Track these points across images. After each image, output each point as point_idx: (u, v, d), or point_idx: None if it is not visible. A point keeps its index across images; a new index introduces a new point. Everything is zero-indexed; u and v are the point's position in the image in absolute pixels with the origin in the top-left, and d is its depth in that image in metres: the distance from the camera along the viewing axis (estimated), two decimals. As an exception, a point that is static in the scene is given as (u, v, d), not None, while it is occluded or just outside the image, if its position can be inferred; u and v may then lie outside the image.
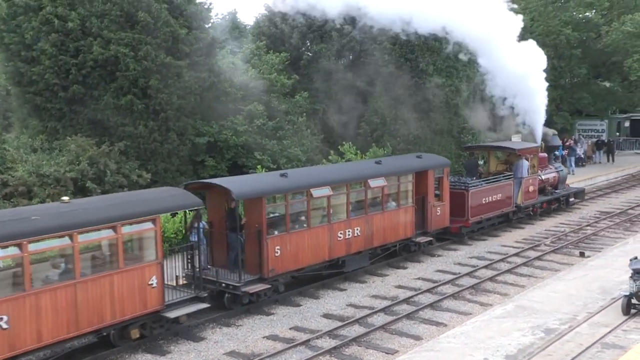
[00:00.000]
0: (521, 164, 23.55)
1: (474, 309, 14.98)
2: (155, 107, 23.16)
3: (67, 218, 11.66)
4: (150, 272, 12.70)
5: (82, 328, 11.71)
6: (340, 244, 16.85)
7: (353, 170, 18.55)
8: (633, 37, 36.08)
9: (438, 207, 20.19)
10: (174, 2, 23.81)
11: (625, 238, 20.86)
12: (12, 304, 10.66)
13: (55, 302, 11.24)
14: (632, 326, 12.58)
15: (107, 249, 12.61)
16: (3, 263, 11.51)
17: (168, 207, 13.73)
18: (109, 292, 12.07)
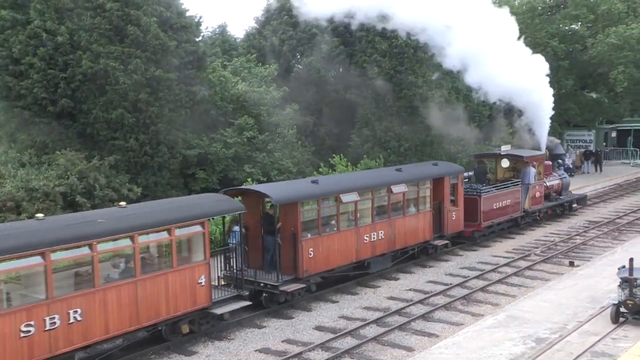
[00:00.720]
0: (528, 171, 24.50)
1: (465, 319, 14.99)
2: (145, 121, 23.15)
3: (128, 221, 12.65)
4: (199, 271, 13.64)
5: (142, 322, 12.72)
6: (366, 247, 17.79)
7: (377, 177, 19.55)
8: (617, 49, 36.60)
9: (453, 212, 21.19)
10: (163, 15, 23.90)
11: (614, 247, 21.00)
12: (84, 298, 11.72)
13: (119, 298, 12.26)
14: (621, 334, 12.65)
15: (162, 250, 13.67)
16: (76, 262, 12.43)
17: (215, 212, 14.54)
18: (164, 290, 13.02)
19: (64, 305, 11.38)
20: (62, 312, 11.33)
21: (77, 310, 11.56)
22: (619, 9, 38.70)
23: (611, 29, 37.58)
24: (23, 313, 10.81)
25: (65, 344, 11.38)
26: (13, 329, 10.63)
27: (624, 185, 36.00)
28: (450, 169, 21.65)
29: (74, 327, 11.50)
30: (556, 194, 26.87)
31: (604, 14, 39.40)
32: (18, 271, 11.24)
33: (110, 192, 21.20)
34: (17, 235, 11.12)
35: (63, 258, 11.72)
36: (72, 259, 12.14)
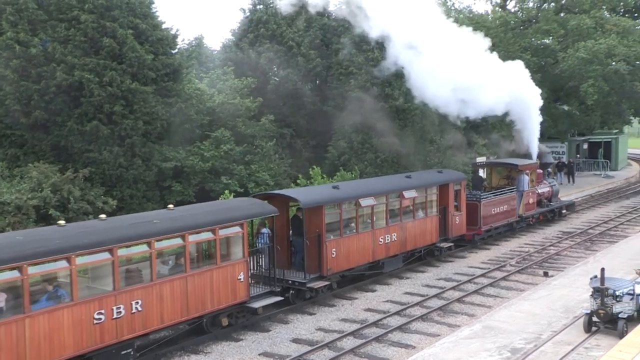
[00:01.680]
0: (522, 178, 26.13)
1: (442, 330, 15.09)
2: (120, 133, 22.95)
3: (179, 222, 13.92)
4: (239, 268, 14.94)
5: (191, 314, 13.96)
6: (381, 248, 19.23)
7: (390, 183, 20.80)
8: (587, 63, 37.45)
9: (457, 216, 22.64)
10: (139, 28, 23.80)
11: (586, 257, 21.35)
12: (144, 291, 12.97)
13: (172, 291, 13.52)
14: (593, 343, 12.85)
15: (208, 248, 14.80)
16: (137, 258, 13.56)
17: (252, 214, 15.74)
18: (209, 285, 14.28)
19: (128, 296, 12.68)
20: (127, 303, 12.64)
21: (138, 301, 12.83)
22: (587, 24, 39.67)
23: (580, 44, 38.48)
24: (96, 302, 12.18)
25: (129, 332, 12.66)
26: (88, 316, 12.01)
27: (595, 196, 36.70)
28: (454, 176, 23.08)
29: (136, 316, 12.81)
30: (547, 200, 28.43)
31: (574, 29, 40.33)
32: (86, 265, 12.34)
33: (84, 204, 20.92)
34: (88, 233, 12.47)
35: (127, 254, 12.98)
36: (133, 255, 13.30)
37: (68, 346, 11.66)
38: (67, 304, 11.72)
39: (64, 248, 11.65)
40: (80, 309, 11.85)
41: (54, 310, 11.48)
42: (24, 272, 11.02)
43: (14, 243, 11.44)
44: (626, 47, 38.28)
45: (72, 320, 11.72)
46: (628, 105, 44.15)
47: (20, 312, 11.06)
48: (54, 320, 11.46)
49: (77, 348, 11.80)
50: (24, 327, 11.01)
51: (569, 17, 42.40)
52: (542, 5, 45.39)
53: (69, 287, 11.80)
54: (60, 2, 22.65)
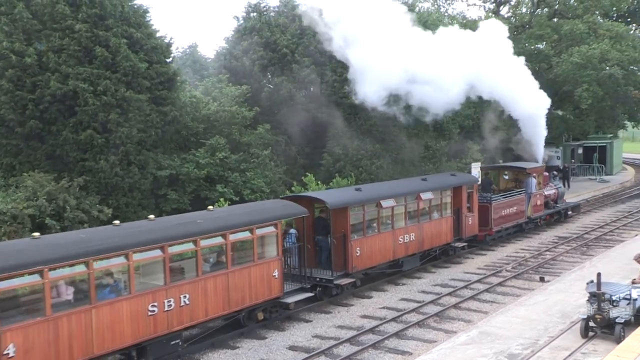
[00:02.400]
0: (530, 181, 26.96)
1: (438, 336, 15.06)
2: (115, 141, 22.94)
3: (221, 222, 14.82)
4: (274, 265, 15.77)
5: (232, 308, 14.85)
6: (401, 247, 20.11)
7: (408, 185, 21.87)
8: (581, 68, 37.64)
9: (470, 217, 23.51)
10: (133, 36, 23.82)
11: (582, 262, 21.35)
12: (191, 285, 13.87)
13: (216, 286, 14.39)
14: (590, 348, 12.83)
15: (246, 246, 15.58)
16: (184, 255, 14.55)
17: (285, 214, 16.60)
18: (247, 281, 15.15)
19: (177, 290, 13.57)
20: (176, 296, 13.52)
21: (186, 295, 13.72)
22: (580, 29, 39.89)
23: (574, 49, 38.68)
24: (150, 295, 13.06)
25: (178, 323, 13.58)
26: (143, 308, 12.90)
27: (591, 200, 36.76)
28: (467, 179, 24.03)
29: (184, 309, 13.69)
30: (553, 202, 29.18)
31: (567, 34, 40.55)
32: (141, 261, 13.11)
33: (80, 213, 20.87)
34: (142, 232, 13.46)
35: (176, 251, 13.81)
36: (182, 252, 14.26)
37: (127, 335, 12.60)
38: (125, 296, 12.67)
39: (123, 245, 12.64)
40: (137, 301, 12.80)
41: (115, 302, 12.47)
42: (90, 266, 12.06)
43: (80, 240, 12.52)
44: (619, 52, 38.50)
45: (130, 311, 12.69)
46: (622, 109, 44.38)
47: (88, 303, 12.05)
48: (115, 311, 12.46)
49: (134, 337, 12.74)
50: (91, 316, 12.05)
51: (562, 22, 42.63)
52: (535, 10, 45.67)
53: (127, 281, 12.75)
54: (54, 11, 22.68)
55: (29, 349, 11.10)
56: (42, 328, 11.31)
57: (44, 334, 11.32)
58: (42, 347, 11.28)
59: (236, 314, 15.08)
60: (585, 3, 42.04)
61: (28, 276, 11.28)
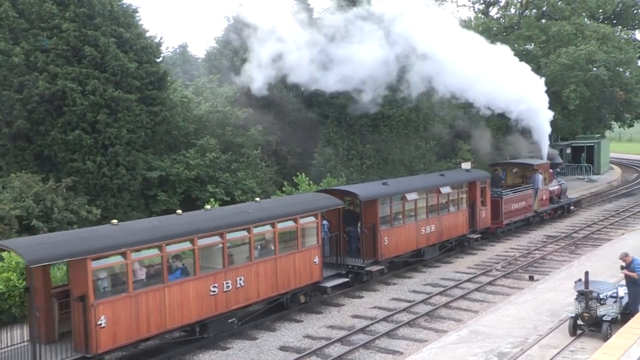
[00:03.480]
0: (537, 177, 28.51)
1: (429, 335, 15.11)
2: (104, 142, 22.79)
3: (269, 212, 16.33)
4: (314, 252, 17.30)
5: (280, 290, 16.31)
6: (423, 237, 21.61)
7: (429, 180, 23.33)
8: (568, 69, 37.95)
9: (483, 211, 25.03)
10: (122, 36, 23.69)
11: (571, 261, 21.52)
12: (245, 269, 15.30)
13: (266, 270, 15.83)
14: (578, 346, 12.94)
15: (291, 235, 16.98)
16: (239, 242, 15.70)
17: (324, 206, 17.96)
18: (292, 266, 16.61)
19: (234, 273, 15.00)
20: (233, 279, 14.93)
21: (241, 278, 15.16)
22: (567, 30, 40.21)
23: (562, 50, 38.96)
24: (211, 277, 14.48)
25: (235, 303, 15.03)
26: (206, 289, 14.32)
27: (579, 200, 37.01)
28: (480, 175, 25.57)
29: (240, 290, 15.13)
30: (557, 197, 30.86)
31: (555, 36, 40.86)
32: (204, 246, 14.37)
33: (68, 214, 20.69)
34: (204, 220, 14.85)
35: (232, 238, 15.22)
36: (237, 239, 15.51)
37: (193, 313, 14.02)
38: (192, 278, 14.05)
39: (189, 231, 14.06)
40: (200, 282, 14.19)
41: (183, 283, 13.87)
42: (163, 250, 13.42)
43: (154, 227, 13.91)
44: (606, 53, 38.83)
45: (195, 291, 14.06)
46: (608, 110, 44.76)
47: (161, 282, 13.44)
48: (184, 291, 13.85)
49: (199, 315, 14.17)
50: (164, 294, 13.43)
51: (550, 23, 42.97)
52: (523, 12, 45.97)
53: (193, 264, 14.12)
54: (42, 10, 22.50)
55: (117, 321, 12.55)
56: (126, 303, 12.75)
57: (128, 309, 12.76)
58: (126, 319, 12.71)
59: (281, 296, 16.46)
60: (572, 5, 42.41)
61: (113, 257, 12.71)
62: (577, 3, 42.06)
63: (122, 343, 12.69)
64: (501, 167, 29.70)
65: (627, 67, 41.31)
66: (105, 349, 12.40)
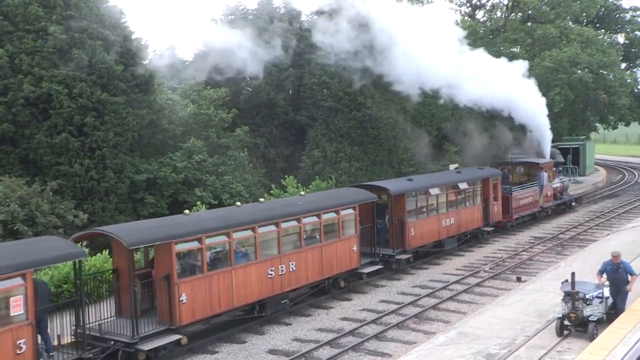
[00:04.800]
0: (542, 175, 30.12)
1: (417, 337, 15.14)
2: (92, 145, 22.64)
3: (315, 204, 18.12)
4: (353, 241, 19.05)
5: (324, 275, 18.09)
6: (444, 229, 23.42)
7: (448, 176, 25.04)
8: (553, 72, 38.30)
9: (495, 206, 26.74)
10: (109, 39, 23.56)
11: (557, 262, 21.65)
12: (296, 255, 17.05)
13: (313, 257, 17.62)
14: (565, 347, 13.02)
15: (333, 225, 18.57)
16: (291, 230, 17.20)
17: (361, 199, 19.61)
18: (335, 253, 18.35)
19: (287, 259, 16.76)
20: (287, 264, 16.71)
21: (293, 263, 16.90)
22: (552, 33, 40.59)
23: (546, 53, 39.31)
24: (269, 262, 16.23)
25: (288, 285, 16.79)
26: (265, 272, 16.08)
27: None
28: (492, 172, 27.30)
29: (292, 274, 16.88)
30: (560, 194, 32.46)
31: (540, 39, 41.23)
32: (262, 234, 16.11)
33: (54, 218, 20.49)
34: (261, 211, 16.70)
35: (286, 227, 16.83)
36: (290, 228, 17.00)
37: (255, 293, 15.79)
38: (253, 262, 15.80)
39: (251, 221, 15.88)
40: (261, 266, 15.96)
41: (246, 266, 15.62)
42: (230, 236, 15.21)
43: (222, 216, 15.91)
44: (589, 56, 39.24)
45: (256, 274, 15.82)
46: (593, 112, 45.23)
47: (229, 265, 15.19)
48: (247, 273, 15.57)
49: (259, 295, 15.89)
50: (231, 276, 15.17)
51: (535, 26, 43.33)
52: (509, 15, 46.33)
53: (254, 250, 15.87)
54: (27, 12, 22.32)
55: (194, 298, 14.20)
56: (201, 282, 14.42)
57: (203, 287, 14.44)
58: (202, 297, 14.38)
59: (325, 281, 18.12)
60: (556, 9, 42.81)
61: (192, 242, 14.34)
62: (562, 7, 42.49)
63: (199, 317, 14.45)
64: (507, 165, 31.30)
65: (610, 70, 41.78)
66: (186, 322, 14.10)
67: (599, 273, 13.81)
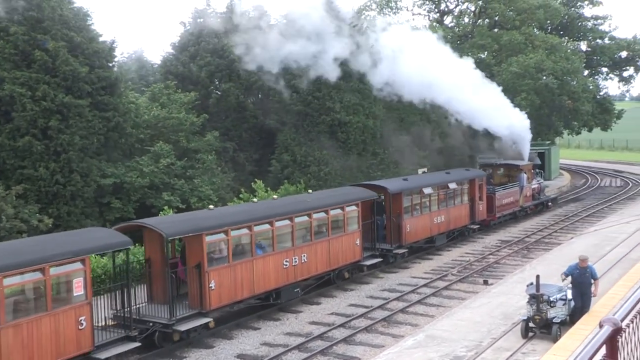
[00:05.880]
0: (522, 176, 31.89)
1: (386, 341, 15.23)
2: (56, 148, 22.18)
3: (323, 201, 19.69)
4: (356, 236, 20.67)
5: (331, 266, 19.71)
6: (435, 226, 25.09)
7: (439, 177, 26.95)
8: (519, 77, 39.06)
9: (480, 205, 28.46)
10: (74, 40, 23.13)
11: (523, 265, 22.03)
12: (308, 248, 18.69)
13: (322, 249, 19.24)
14: (530, 348, 13.26)
15: (339, 221, 20.11)
16: (303, 225, 18.68)
17: (363, 197, 21.16)
18: (340, 247, 19.85)
19: (299, 251, 18.29)
20: (299, 256, 18.23)
21: (305, 255, 18.41)
22: (518, 40, 41.41)
23: (513, 59, 40.06)
24: (284, 253, 17.79)
25: (300, 275, 18.33)
26: (281, 263, 17.62)
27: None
28: (478, 173, 29.57)
29: (304, 265, 18.40)
30: (537, 194, 34.20)
31: (506, 45, 42.00)
32: (279, 228, 17.59)
33: (18, 223, 19.99)
34: (277, 207, 18.28)
35: (299, 222, 18.37)
36: (302, 223, 18.58)
37: (273, 281, 17.28)
38: (271, 253, 17.28)
39: (270, 215, 17.45)
40: (277, 257, 17.44)
41: (265, 257, 17.05)
42: (252, 229, 16.66)
43: (244, 210, 17.77)
44: (554, 63, 40.12)
45: (273, 264, 17.27)
46: (558, 117, 46.21)
47: (250, 256, 16.63)
48: (266, 264, 17.00)
49: (276, 283, 17.41)
50: (252, 266, 16.63)
51: (501, 32, 44.12)
52: (477, 21, 47.08)
53: (271, 242, 17.32)
54: (-11, 13, 21.79)
55: (221, 284, 15.62)
56: (227, 271, 15.86)
57: (228, 276, 15.87)
58: (227, 284, 15.82)
59: (330, 272, 19.61)
60: (522, 15, 43.68)
61: (219, 234, 15.78)
62: (527, 13, 43.38)
63: (225, 303, 15.94)
64: (489, 167, 33.05)
65: (574, 76, 42.78)
66: (215, 307, 15.54)
67: (563, 275, 14.09)
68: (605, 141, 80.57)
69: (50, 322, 12.26)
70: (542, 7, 42.66)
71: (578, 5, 51.31)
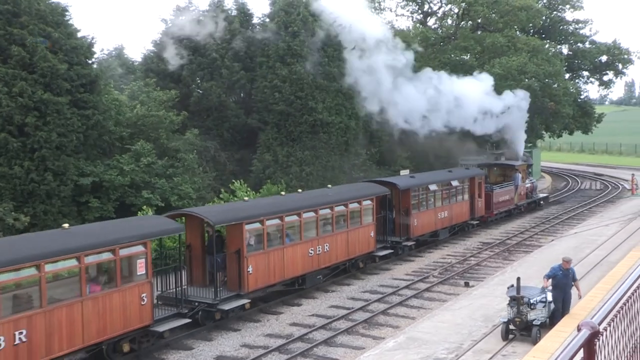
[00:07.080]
0: (517, 175, 33.49)
1: (367, 343, 15.13)
2: (33, 146, 21.73)
3: (342, 195, 21.13)
4: (371, 228, 22.00)
5: (350, 255, 21.07)
6: (439, 221, 26.58)
7: (443, 175, 28.29)
8: (502, 79, 39.26)
9: (479, 202, 30.01)
10: (52, 36, 22.69)
11: (504, 267, 22.09)
12: (329, 238, 20.07)
13: (341, 240, 20.54)
14: (510, 350, 13.24)
15: (356, 214, 21.36)
16: (325, 217, 20.05)
17: (376, 193, 22.65)
18: (357, 238, 21.31)
19: (322, 241, 19.69)
20: (322, 245, 19.62)
21: (327, 244, 19.86)
22: (500, 42, 41.65)
23: (496, 60, 40.27)
24: (309, 243, 19.19)
25: (322, 263, 19.79)
26: (306, 251, 19.09)
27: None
28: (477, 172, 30.79)
29: (326, 254, 19.87)
30: (530, 193, 35.82)
31: (489, 47, 42.22)
32: (305, 219, 18.94)
33: (-8, 221, 19.58)
34: (304, 199, 19.67)
35: (322, 214, 19.81)
36: (324, 215, 19.87)
37: (300, 268, 18.77)
38: (299, 242, 18.75)
39: (297, 207, 18.86)
40: (304, 246, 18.96)
41: (293, 245, 18.58)
42: (283, 220, 18.15)
43: (275, 203, 18.93)
44: (536, 65, 40.41)
45: (300, 252, 18.81)
46: (540, 120, 46.57)
47: (281, 244, 18.10)
48: (294, 251, 18.57)
49: (302, 270, 18.88)
50: (283, 254, 18.14)
51: (484, 34, 44.34)
52: (460, 23, 47.26)
53: (299, 232, 18.82)
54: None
55: (258, 269, 17.11)
56: (263, 257, 17.38)
57: (263, 261, 17.36)
58: (262, 269, 17.32)
59: (347, 261, 20.97)
60: (505, 17, 43.95)
61: (256, 223, 17.16)
62: (509, 16, 43.65)
63: (260, 286, 17.40)
64: (486, 166, 33.85)
65: (556, 79, 43.15)
66: (252, 289, 16.96)
67: (546, 277, 14.09)
68: (586, 144, 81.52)
69: (120, 297, 13.74)
70: (525, 9, 42.96)
71: (560, 9, 51.78)
